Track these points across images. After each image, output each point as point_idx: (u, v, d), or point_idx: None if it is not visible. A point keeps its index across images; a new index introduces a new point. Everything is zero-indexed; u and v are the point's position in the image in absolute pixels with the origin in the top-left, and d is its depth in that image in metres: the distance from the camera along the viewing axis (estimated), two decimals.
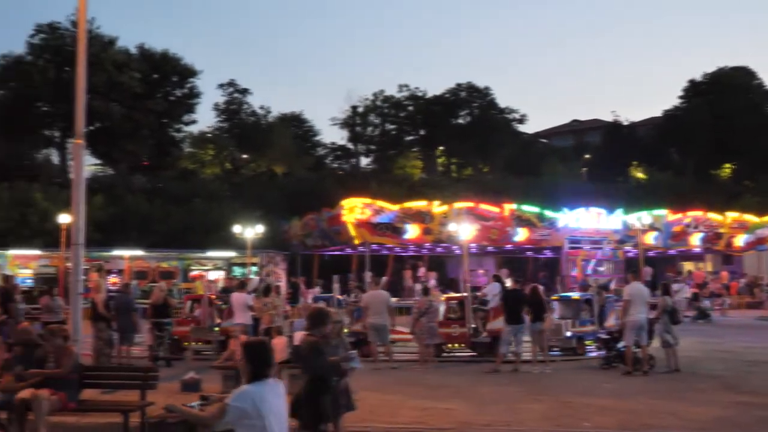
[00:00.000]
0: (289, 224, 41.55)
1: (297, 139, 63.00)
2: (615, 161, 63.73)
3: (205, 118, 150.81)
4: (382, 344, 17.82)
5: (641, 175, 65.45)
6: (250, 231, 34.72)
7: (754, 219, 41.33)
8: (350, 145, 67.78)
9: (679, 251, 41.69)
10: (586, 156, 70.65)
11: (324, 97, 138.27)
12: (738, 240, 40.69)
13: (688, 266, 47.05)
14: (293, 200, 45.51)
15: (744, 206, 45.60)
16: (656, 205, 40.20)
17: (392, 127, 66.23)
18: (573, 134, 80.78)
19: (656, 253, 40.05)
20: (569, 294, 23.05)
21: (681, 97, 65.40)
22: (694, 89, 64.74)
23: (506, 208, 35.14)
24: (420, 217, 33.44)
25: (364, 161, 68.11)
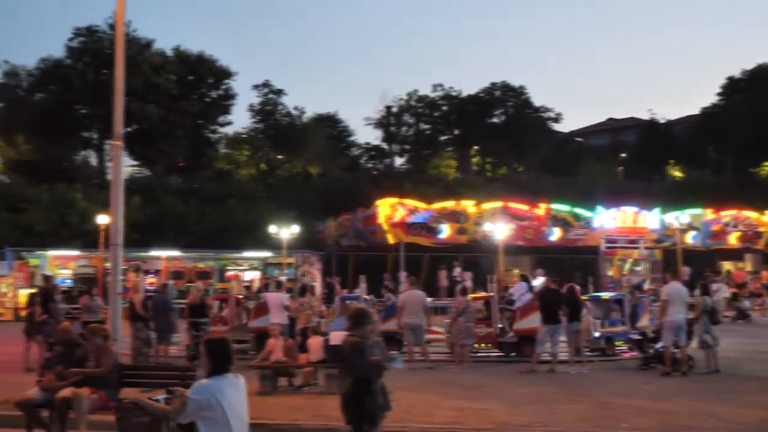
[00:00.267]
0: (324, 224, 41.69)
1: (331, 139, 63.19)
2: (652, 160, 63.13)
3: (240, 119, 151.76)
4: (417, 344, 17.79)
5: (679, 174, 64.79)
6: (286, 231, 34.89)
7: None
8: (384, 145, 67.86)
9: (717, 250, 41.18)
10: (622, 155, 70.06)
11: (358, 97, 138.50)
12: None
13: (727, 266, 46.38)
14: (328, 200, 45.65)
15: None
16: (694, 204, 39.76)
17: (426, 126, 66.19)
18: (609, 133, 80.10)
19: (694, 253, 39.60)
20: (599, 294, 22.86)
21: (719, 94, 64.59)
22: (732, 86, 63.87)
23: (541, 208, 34.98)
24: (455, 216, 33.42)
25: (398, 161, 68.23)
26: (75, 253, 36.99)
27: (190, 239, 40.85)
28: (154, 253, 37.27)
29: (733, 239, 38.93)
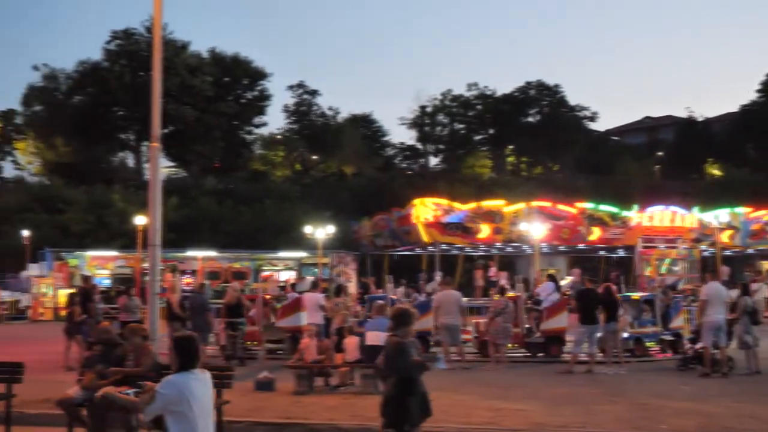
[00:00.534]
0: (359, 224, 41.72)
1: (366, 139, 63.34)
2: (689, 158, 62.47)
3: (275, 119, 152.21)
4: (453, 344, 17.75)
5: (717, 172, 64.03)
6: (321, 231, 34.98)
7: None
8: (419, 145, 67.89)
9: (757, 250, 40.54)
10: (659, 153, 69.38)
11: (393, 97, 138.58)
12: None
13: (767, 265, 45.72)
14: (363, 200, 45.72)
15: None
16: (733, 203, 39.18)
17: (461, 126, 66.08)
18: (645, 131, 79.35)
19: (734, 252, 39.06)
20: (629, 294, 22.62)
21: (759, 91, 63.60)
22: None
23: (578, 207, 34.71)
24: (490, 216, 33.25)
25: (433, 161, 68.21)
26: (113, 253, 37.40)
27: (226, 240, 41.13)
28: (190, 253, 37.56)
29: None
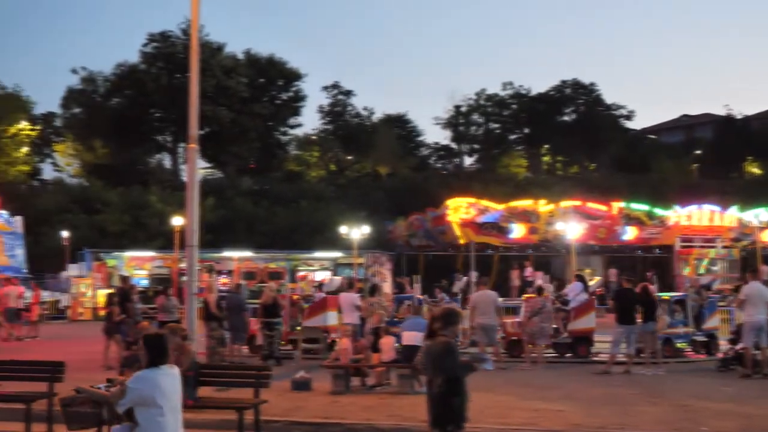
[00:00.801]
0: (394, 224, 41.73)
1: (400, 139, 63.35)
2: (728, 156, 61.75)
3: (310, 120, 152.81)
4: (490, 344, 17.67)
5: (757, 171, 63.19)
6: (356, 231, 35.02)
7: None
8: (454, 145, 67.78)
9: None
10: (697, 152, 68.58)
11: (427, 97, 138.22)
12: None
13: None
14: (397, 200, 45.75)
15: None
16: None
17: (496, 125, 65.88)
18: (683, 129, 78.44)
19: None
20: (660, 294, 22.34)
21: None
22: None
23: (614, 207, 34.45)
24: (526, 216, 33.12)
25: (467, 161, 68.07)
26: (150, 254, 37.72)
27: (261, 240, 41.32)
28: (226, 253, 37.76)
29: None
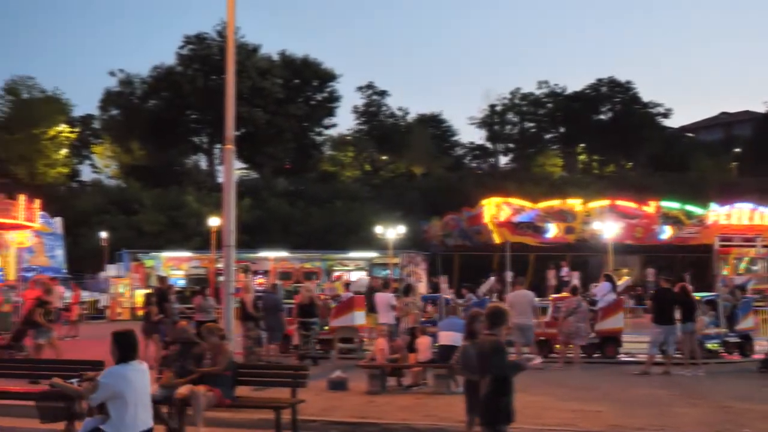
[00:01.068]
0: (429, 224, 41.63)
1: (435, 139, 63.32)
2: None
3: (344, 120, 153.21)
4: (526, 344, 17.58)
5: None
6: (391, 231, 35.02)
7: None
8: (489, 145, 67.62)
9: None
10: (736, 149, 67.70)
11: (462, 96, 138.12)
12: None
13: None
14: (432, 200, 45.68)
15: None
16: None
17: (531, 125, 65.59)
18: (721, 127, 77.60)
19: None
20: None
21: None
22: None
23: (651, 206, 34.07)
24: (562, 215, 32.80)
25: (502, 160, 67.81)
26: (187, 254, 38.02)
27: (296, 240, 41.49)
28: (262, 254, 37.95)
29: None
